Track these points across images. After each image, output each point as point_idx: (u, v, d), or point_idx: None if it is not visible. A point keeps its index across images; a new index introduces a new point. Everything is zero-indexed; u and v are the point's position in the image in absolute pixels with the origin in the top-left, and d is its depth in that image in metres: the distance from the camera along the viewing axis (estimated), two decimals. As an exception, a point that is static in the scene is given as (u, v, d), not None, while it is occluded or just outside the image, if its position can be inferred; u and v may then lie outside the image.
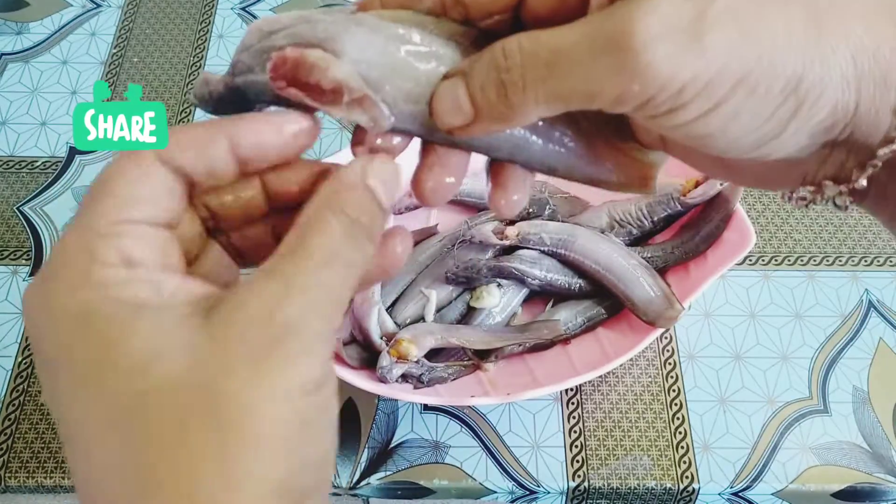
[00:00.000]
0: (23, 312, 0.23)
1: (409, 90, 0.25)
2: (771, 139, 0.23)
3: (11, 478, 0.54)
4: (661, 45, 0.21)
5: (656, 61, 0.21)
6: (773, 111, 0.22)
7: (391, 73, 0.25)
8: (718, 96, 0.22)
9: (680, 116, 0.23)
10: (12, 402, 0.57)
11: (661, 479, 0.54)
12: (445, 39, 0.26)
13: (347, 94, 0.24)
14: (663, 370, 0.59)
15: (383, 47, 0.25)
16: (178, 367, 0.20)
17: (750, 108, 0.22)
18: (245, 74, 0.26)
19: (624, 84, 0.22)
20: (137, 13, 0.79)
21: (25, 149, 0.70)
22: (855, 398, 0.57)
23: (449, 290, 0.59)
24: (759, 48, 0.22)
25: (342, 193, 0.24)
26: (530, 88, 0.23)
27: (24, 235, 0.65)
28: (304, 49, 0.24)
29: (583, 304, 0.59)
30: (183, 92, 0.73)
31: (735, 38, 0.21)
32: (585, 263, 0.58)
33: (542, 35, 0.23)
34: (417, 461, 0.55)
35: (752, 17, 0.22)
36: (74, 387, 0.21)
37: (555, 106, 0.24)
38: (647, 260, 0.58)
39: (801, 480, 0.54)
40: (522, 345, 0.57)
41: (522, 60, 0.23)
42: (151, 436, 0.20)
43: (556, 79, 0.23)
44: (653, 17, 0.21)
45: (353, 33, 0.25)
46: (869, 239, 0.64)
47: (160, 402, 0.20)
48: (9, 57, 0.76)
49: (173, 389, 0.20)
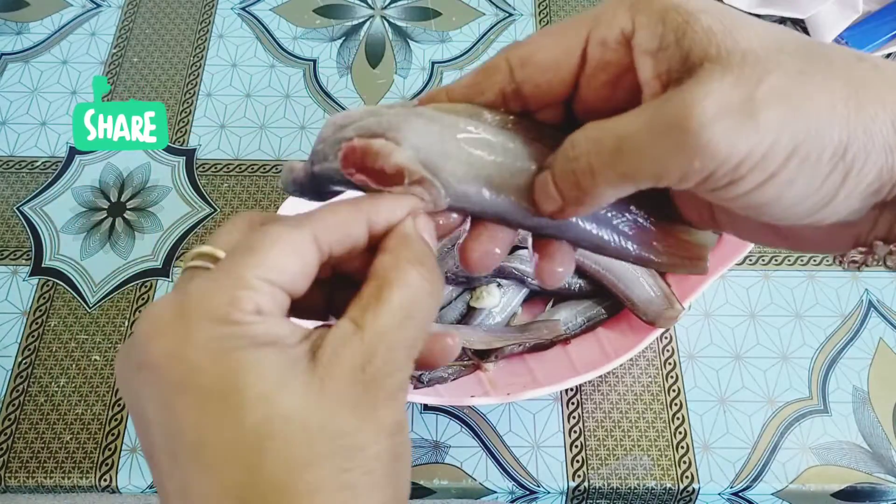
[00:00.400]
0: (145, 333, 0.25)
1: (464, 173, 0.28)
2: (824, 205, 0.25)
3: (11, 478, 0.54)
4: (717, 124, 0.23)
5: (715, 139, 0.23)
6: (825, 178, 0.24)
7: (447, 158, 0.28)
8: (773, 167, 0.24)
9: (739, 188, 0.25)
10: (12, 402, 0.57)
11: (661, 479, 0.54)
12: (497, 128, 0.29)
13: (408, 177, 0.28)
14: (663, 370, 0.59)
15: (440, 135, 0.28)
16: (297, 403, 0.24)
17: (803, 177, 0.24)
18: (322, 163, 0.29)
19: (686, 162, 0.24)
20: (137, 13, 0.79)
21: (25, 149, 0.70)
22: (855, 398, 0.58)
23: (449, 290, 0.59)
24: (807, 121, 0.24)
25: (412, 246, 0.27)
26: (598, 173, 0.26)
27: (24, 235, 0.65)
28: (370, 139, 0.28)
29: (583, 304, 0.59)
30: (183, 92, 0.73)
31: (784, 113, 0.24)
32: (585, 263, 0.58)
33: (607, 124, 0.26)
34: (417, 461, 0.55)
35: (798, 95, 0.24)
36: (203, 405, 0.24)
37: (623, 187, 0.26)
38: (647, 260, 0.58)
39: (801, 480, 0.54)
40: (522, 345, 0.57)
41: (588, 149, 0.26)
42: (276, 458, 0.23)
43: (623, 162, 0.26)
44: (708, 100, 0.23)
45: (412, 123, 0.28)
46: (869, 239, 0.64)
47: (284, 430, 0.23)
48: (9, 57, 0.76)
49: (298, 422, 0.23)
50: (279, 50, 0.77)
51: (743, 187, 0.25)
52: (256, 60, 0.76)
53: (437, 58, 0.76)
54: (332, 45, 0.77)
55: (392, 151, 0.28)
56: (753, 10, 0.77)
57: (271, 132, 0.71)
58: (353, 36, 0.78)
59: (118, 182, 0.68)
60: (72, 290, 0.62)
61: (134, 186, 0.67)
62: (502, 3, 0.80)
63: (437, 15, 0.80)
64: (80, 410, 0.57)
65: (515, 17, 0.79)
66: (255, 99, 0.73)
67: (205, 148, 0.70)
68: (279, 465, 0.23)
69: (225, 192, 0.67)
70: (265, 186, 0.68)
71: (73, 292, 0.62)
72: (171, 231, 0.65)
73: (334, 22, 0.79)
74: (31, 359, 0.59)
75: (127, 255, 0.64)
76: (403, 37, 0.78)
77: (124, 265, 0.63)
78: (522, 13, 0.79)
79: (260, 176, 0.68)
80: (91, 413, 0.57)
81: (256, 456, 0.23)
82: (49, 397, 0.57)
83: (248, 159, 0.69)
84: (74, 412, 0.57)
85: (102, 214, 0.66)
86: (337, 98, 0.73)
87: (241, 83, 0.74)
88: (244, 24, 0.79)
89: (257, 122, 0.71)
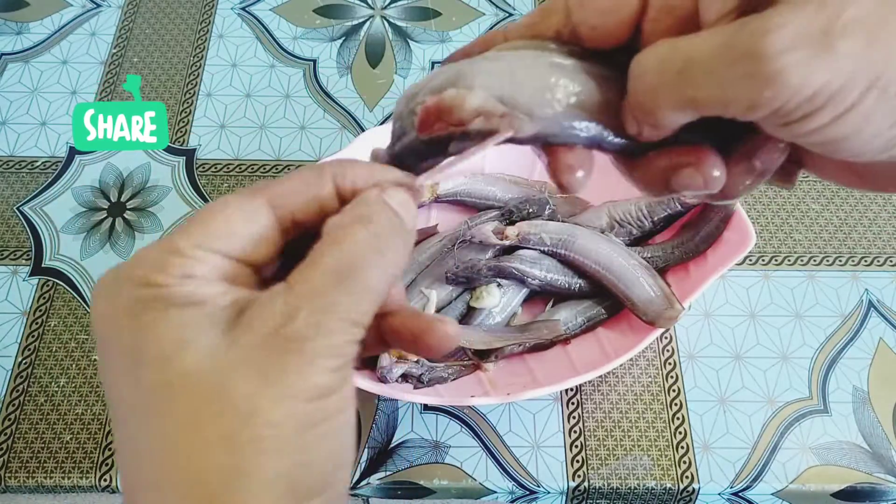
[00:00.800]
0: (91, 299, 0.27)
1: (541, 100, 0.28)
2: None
3: (11, 478, 0.54)
4: (792, 53, 0.23)
5: (788, 68, 0.23)
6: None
7: (522, 88, 0.28)
8: (851, 100, 0.23)
9: (813, 122, 0.24)
10: (12, 402, 0.57)
11: (661, 479, 0.54)
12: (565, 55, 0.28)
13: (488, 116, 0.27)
14: (663, 370, 0.59)
15: (509, 70, 0.28)
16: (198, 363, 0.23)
17: (882, 109, 0.24)
18: (401, 139, 0.29)
19: (757, 91, 0.23)
20: (137, 13, 0.79)
21: (25, 149, 0.70)
22: (855, 398, 0.58)
23: (449, 290, 0.59)
24: (887, 52, 0.23)
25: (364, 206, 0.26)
26: (661, 95, 0.25)
27: (24, 235, 0.65)
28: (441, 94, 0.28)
29: (583, 304, 0.59)
30: (183, 92, 0.73)
31: (863, 44, 0.23)
32: (585, 263, 0.58)
33: (679, 42, 0.25)
34: (417, 461, 0.55)
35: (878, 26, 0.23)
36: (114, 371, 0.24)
37: (688, 112, 0.25)
38: (647, 260, 0.58)
39: (801, 480, 0.54)
40: (522, 345, 0.57)
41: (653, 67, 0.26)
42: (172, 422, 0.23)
43: (688, 85, 0.25)
44: (785, 28, 0.23)
45: (478, 67, 0.28)
46: (869, 239, 0.65)
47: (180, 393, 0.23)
48: (9, 57, 0.76)
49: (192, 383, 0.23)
50: (279, 50, 0.77)
51: (817, 121, 0.24)
52: (256, 60, 0.76)
53: (437, 58, 0.76)
54: (332, 45, 0.77)
55: (465, 97, 0.27)
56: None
57: (271, 132, 0.71)
58: (353, 36, 0.78)
59: (118, 182, 0.68)
60: (72, 290, 0.62)
61: (134, 186, 0.68)
62: (502, 3, 0.80)
63: (437, 15, 0.80)
64: (80, 410, 0.57)
65: (515, 17, 0.79)
66: (255, 99, 0.73)
67: (205, 148, 0.70)
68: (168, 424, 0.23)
69: (225, 192, 0.67)
70: (265, 186, 0.67)
71: (73, 292, 0.62)
72: (171, 231, 0.65)
73: (334, 22, 0.79)
74: (31, 359, 0.59)
75: (127, 255, 0.64)
76: (403, 37, 0.78)
77: (124, 265, 0.63)
78: (522, 13, 0.79)
79: (260, 176, 0.68)
80: (91, 413, 0.57)
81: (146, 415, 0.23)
82: (49, 397, 0.58)
83: (248, 159, 0.69)
84: (74, 412, 0.57)
85: (102, 214, 0.66)
86: (337, 98, 0.73)
87: (241, 83, 0.74)
88: (244, 24, 0.79)
89: (257, 122, 0.71)
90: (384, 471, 0.54)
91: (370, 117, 0.72)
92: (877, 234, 0.65)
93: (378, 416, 0.57)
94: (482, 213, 0.63)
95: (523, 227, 0.59)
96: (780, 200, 0.67)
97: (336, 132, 0.71)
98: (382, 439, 0.56)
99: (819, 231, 0.65)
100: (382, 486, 0.54)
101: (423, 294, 0.59)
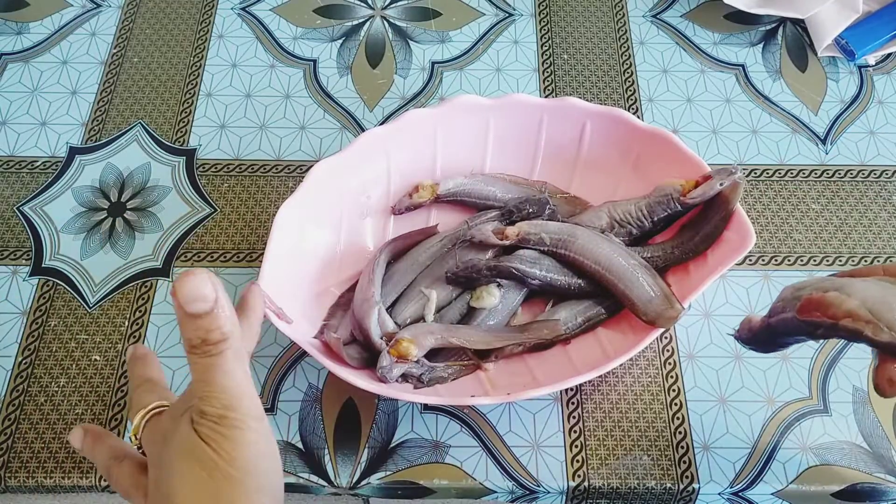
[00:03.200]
0: None
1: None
2: None
3: (11, 478, 0.54)
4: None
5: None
6: None
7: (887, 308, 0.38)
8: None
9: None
10: (12, 402, 0.57)
11: (661, 479, 0.54)
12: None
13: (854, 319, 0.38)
14: (663, 370, 0.59)
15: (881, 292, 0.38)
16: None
17: None
18: (780, 314, 0.42)
19: None
20: (137, 13, 0.79)
21: (25, 149, 0.70)
22: (855, 398, 0.58)
23: (449, 290, 0.59)
24: None
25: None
26: None
27: (24, 235, 0.65)
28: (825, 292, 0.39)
29: (583, 304, 0.59)
30: (183, 92, 0.73)
31: None
32: (585, 263, 0.58)
33: None
34: (417, 461, 0.55)
35: None
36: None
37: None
38: (647, 260, 0.58)
39: (801, 480, 0.54)
40: (522, 345, 0.57)
41: None
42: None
43: None
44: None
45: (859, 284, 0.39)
46: (869, 239, 0.65)
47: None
48: (9, 57, 0.76)
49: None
50: (279, 50, 0.77)
51: None
52: (256, 60, 0.76)
53: (437, 58, 0.76)
54: (332, 45, 0.77)
55: (844, 300, 0.38)
56: (753, 10, 0.77)
57: (271, 132, 0.71)
58: (353, 36, 0.78)
59: (118, 182, 0.68)
60: (72, 290, 0.62)
61: (134, 186, 0.68)
62: (502, 3, 0.80)
63: (437, 15, 0.80)
64: (80, 410, 0.57)
65: (515, 17, 0.79)
66: (255, 99, 0.73)
67: (205, 148, 0.70)
68: None
69: (225, 192, 0.67)
70: (265, 186, 0.68)
71: (73, 292, 0.62)
72: (171, 231, 0.65)
73: (334, 22, 0.79)
74: (31, 359, 0.59)
75: (127, 255, 0.64)
76: (403, 37, 0.78)
77: (124, 265, 0.63)
78: (522, 13, 0.80)
79: (260, 176, 0.68)
80: (91, 413, 0.57)
81: None
82: (49, 397, 0.58)
83: (249, 159, 0.69)
84: (74, 412, 0.57)
85: (102, 214, 0.66)
86: (337, 98, 0.73)
87: (241, 83, 0.74)
88: (244, 24, 0.79)
89: (257, 122, 0.71)
90: (384, 471, 0.54)
91: (370, 117, 0.72)
92: (877, 234, 0.65)
93: (378, 415, 0.57)
94: (482, 213, 0.63)
95: (523, 227, 0.59)
96: (779, 200, 0.67)
97: (336, 132, 0.71)
98: (382, 439, 0.56)
99: (819, 231, 0.65)
100: (382, 485, 0.54)
101: (423, 294, 0.59)
